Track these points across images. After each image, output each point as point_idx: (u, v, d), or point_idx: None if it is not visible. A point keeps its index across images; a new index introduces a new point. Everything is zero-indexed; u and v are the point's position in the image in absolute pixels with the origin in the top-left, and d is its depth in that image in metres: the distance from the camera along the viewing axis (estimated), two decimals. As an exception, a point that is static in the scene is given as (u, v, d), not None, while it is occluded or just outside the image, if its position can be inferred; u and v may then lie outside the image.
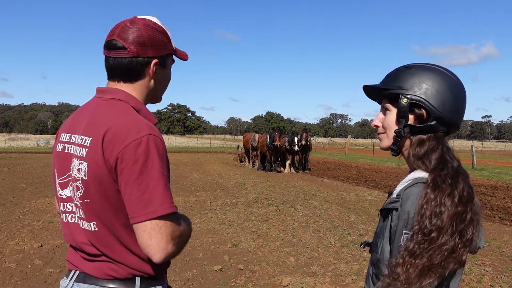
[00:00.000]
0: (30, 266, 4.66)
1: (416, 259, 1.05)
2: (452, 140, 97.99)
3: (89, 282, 1.22)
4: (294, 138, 16.39)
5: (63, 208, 1.28)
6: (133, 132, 1.13)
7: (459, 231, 1.06)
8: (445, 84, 1.19)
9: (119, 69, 1.26)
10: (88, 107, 1.30)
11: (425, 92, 1.18)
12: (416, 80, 1.20)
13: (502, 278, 4.41)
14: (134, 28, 1.24)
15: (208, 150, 42.65)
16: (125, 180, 1.11)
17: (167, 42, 1.31)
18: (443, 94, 1.18)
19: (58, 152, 1.29)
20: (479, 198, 9.76)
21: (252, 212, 8.03)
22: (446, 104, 1.18)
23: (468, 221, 1.08)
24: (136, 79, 1.28)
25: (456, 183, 1.12)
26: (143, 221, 1.09)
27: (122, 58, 1.24)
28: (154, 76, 1.30)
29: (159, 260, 1.12)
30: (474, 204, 1.13)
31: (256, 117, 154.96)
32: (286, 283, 4.22)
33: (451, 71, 1.23)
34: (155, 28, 1.28)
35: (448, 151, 1.20)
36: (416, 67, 1.23)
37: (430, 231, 1.05)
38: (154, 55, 1.26)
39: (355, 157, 27.26)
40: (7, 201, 8.85)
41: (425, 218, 1.06)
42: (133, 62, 1.24)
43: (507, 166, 20.83)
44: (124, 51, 1.23)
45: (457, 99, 1.20)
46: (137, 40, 1.23)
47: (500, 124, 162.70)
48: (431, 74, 1.20)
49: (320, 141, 63.49)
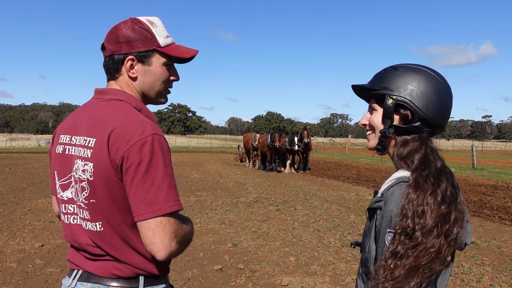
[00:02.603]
0: (31, 265, 4.68)
1: (402, 259, 1.05)
2: (453, 140, 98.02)
3: (93, 281, 1.23)
4: (294, 138, 16.41)
5: (65, 210, 1.29)
6: (138, 132, 1.14)
7: (444, 232, 1.06)
8: (430, 86, 1.20)
9: (105, 68, 1.33)
10: (87, 108, 1.31)
11: (410, 93, 1.19)
12: (402, 81, 1.21)
13: (501, 277, 4.42)
14: (115, 28, 1.30)
15: (208, 150, 42.65)
16: (131, 179, 1.12)
17: (149, 38, 1.28)
18: (428, 95, 1.19)
19: (58, 154, 1.30)
20: (479, 198, 9.79)
21: (252, 212, 8.04)
22: (430, 106, 1.19)
23: (452, 221, 1.08)
24: (116, 76, 1.32)
25: (439, 182, 1.12)
26: (147, 219, 1.11)
27: (105, 58, 1.32)
28: (131, 72, 1.30)
29: (162, 258, 1.13)
30: (459, 203, 1.12)
31: (257, 117, 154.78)
32: (286, 283, 4.23)
33: (438, 73, 1.23)
34: (135, 25, 1.28)
35: (432, 152, 1.20)
36: (403, 68, 1.24)
37: (413, 231, 1.06)
38: (129, 51, 1.27)
39: (355, 157, 27.27)
40: (8, 201, 8.87)
41: (407, 218, 1.07)
42: (110, 60, 1.30)
43: (507, 165, 20.82)
44: (104, 51, 1.31)
45: (442, 100, 1.21)
46: (114, 39, 1.28)
47: (501, 124, 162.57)
48: (417, 76, 1.21)
49: (321, 141, 63.50)
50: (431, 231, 1.05)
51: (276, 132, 16.69)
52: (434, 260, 1.05)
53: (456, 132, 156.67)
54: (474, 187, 11.62)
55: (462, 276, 4.46)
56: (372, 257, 1.18)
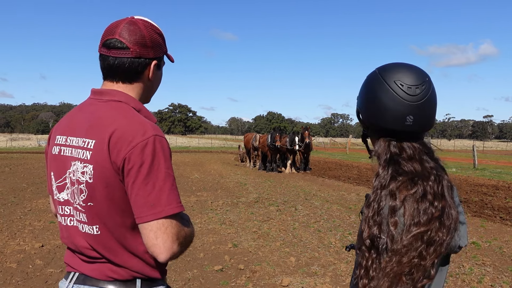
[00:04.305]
0: (31, 266, 4.67)
1: (387, 264, 1.06)
2: (454, 140, 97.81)
3: (89, 283, 1.22)
4: (295, 138, 16.41)
5: (61, 211, 1.28)
6: (139, 133, 1.13)
7: (426, 241, 1.07)
8: (364, 91, 1.26)
9: (120, 69, 1.25)
10: (84, 109, 1.29)
11: (359, 102, 1.28)
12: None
13: (502, 278, 4.40)
14: (136, 28, 1.24)
15: (209, 150, 42.65)
16: (132, 181, 1.12)
17: (163, 43, 1.34)
18: (365, 100, 1.24)
19: (54, 155, 1.28)
20: (480, 198, 9.77)
21: (253, 212, 8.03)
22: (368, 109, 1.23)
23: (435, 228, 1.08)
24: (135, 80, 1.28)
25: (414, 185, 1.12)
26: (149, 221, 1.10)
27: (124, 58, 1.23)
28: (151, 76, 1.31)
29: (164, 260, 1.13)
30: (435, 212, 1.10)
31: (257, 117, 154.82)
32: (286, 283, 4.22)
33: (378, 70, 1.23)
34: (154, 30, 1.30)
35: (401, 153, 1.19)
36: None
37: (392, 235, 1.08)
38: (154, 56, 1.28)
39: (356, 157, 27.26)
40: (8, 201, 8.87)
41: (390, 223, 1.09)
42: (135, 63, 1.25)
43: (509, 166, 20.78)
44: (126, 51, 1.23)
45: (374, 101, 1.20)
46: (140, 40, 1.23)
47: (502, 123, 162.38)
48: (363, 82, 1.28)
49: (321, 141, 63.48)
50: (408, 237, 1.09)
51: (276, 132, 16.72)
52: (417, 267, 1.06)
53: (457, 132, 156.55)
54: (475, 187, 11.60)
55: (463, 276, 4.44)
56: None
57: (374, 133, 1.24)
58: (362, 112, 1.24)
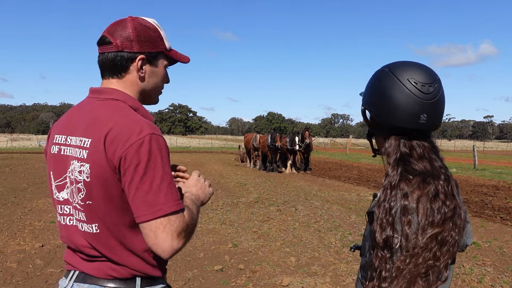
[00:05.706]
0: (31, 266, 4.67)
1: (402, 265, 1.05)
2: (454, 140, 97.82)
3: (89, 282, 1.22)
4: (295, 138, 16.42)
5: (61, 211, 1.28)
6: (135, 132, 1.13)
7: (439, 241, 1.06)
8: (373, 88, 1.24)
9: (106, 64, 1.28)
10: (82, 108, 1.29)
11: (367, 100, 1.26)
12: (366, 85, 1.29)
13: (503, 278, 4.40)
14: (122, 24, 1.27)
15: (209, 150, 42.68)
16: (129, 181, 1.11)
17: (158, 40, 1.31)
18: (374, 98, 1.23)
19: (53, 154, 1.28)
20: (480, 198, 9.76)
21: (253, 212, 8.03)
22: (379, 107, 1.22)
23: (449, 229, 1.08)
24: (122, 74, 1.28)
25: (427, 184, 1.11)
26: (148, 220, 1.11)
27: (108, 52, 1.26)
28: (141, 72, 1.29)
29: (167, 257, 1.14)
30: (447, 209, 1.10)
31: (258, 117, 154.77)
32: (286, 283, 4.22)
33: (389, 68, 1.22)
34: (145, 26, 1.29)
35: (411, 152, 1.18)
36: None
37: (406, 234, 1.06)
38: (140, 50, 1.27)
39: (356, 157, 27.28)
40: (9, 201, 8.88)
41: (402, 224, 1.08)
42: (117, 56, 1.26)
43: (509, 166, 20.78)
44: (110, 46, 1.26)
45: (384, 100, 1.19)
46: (123, 34, 1.25)
47: (502, 124, 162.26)
48: (370, 80, 1.27)
49: (322, 141, 63.49)
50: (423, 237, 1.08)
51: (276, 132, 16.76)
52: (432, 268, 1.06)
53: (457, 133, 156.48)
54: (476, 187, 11.59)
55: (463, 276, 4.44)
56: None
57: (383, 131, 1.23)
58: (371, 111, 1.22)
